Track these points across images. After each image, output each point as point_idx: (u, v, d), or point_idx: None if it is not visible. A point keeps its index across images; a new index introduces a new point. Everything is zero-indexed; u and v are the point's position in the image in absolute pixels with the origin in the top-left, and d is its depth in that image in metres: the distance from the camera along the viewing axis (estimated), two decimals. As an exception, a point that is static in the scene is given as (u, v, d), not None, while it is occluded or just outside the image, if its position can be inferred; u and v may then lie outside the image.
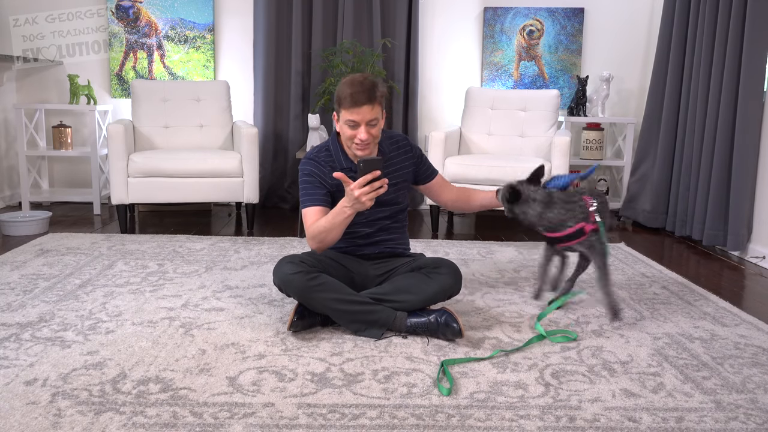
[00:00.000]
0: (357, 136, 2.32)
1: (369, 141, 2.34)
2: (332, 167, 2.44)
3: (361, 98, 2.28)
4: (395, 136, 2.60)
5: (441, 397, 1.87)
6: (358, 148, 2.35)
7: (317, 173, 2.44)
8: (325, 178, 2.44)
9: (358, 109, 2.28)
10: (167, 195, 4.03)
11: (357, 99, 2.27)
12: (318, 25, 4.82)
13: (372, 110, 2.30)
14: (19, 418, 1.71)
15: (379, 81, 2.35)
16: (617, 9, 4.99)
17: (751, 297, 3.00)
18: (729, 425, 1.76)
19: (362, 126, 2.31)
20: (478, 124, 4.60)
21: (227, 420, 1.72)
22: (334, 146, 2.48)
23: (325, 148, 2.49)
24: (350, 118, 2.30)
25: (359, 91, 2.28)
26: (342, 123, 2.35)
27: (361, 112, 2.29)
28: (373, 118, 2.32)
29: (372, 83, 2.31)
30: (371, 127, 2.33)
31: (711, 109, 3.90)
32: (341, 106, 2.32)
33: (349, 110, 2.30)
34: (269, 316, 2.53)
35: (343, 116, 2.33)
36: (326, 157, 2.47)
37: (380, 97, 2.34)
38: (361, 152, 2.36)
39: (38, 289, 2.80)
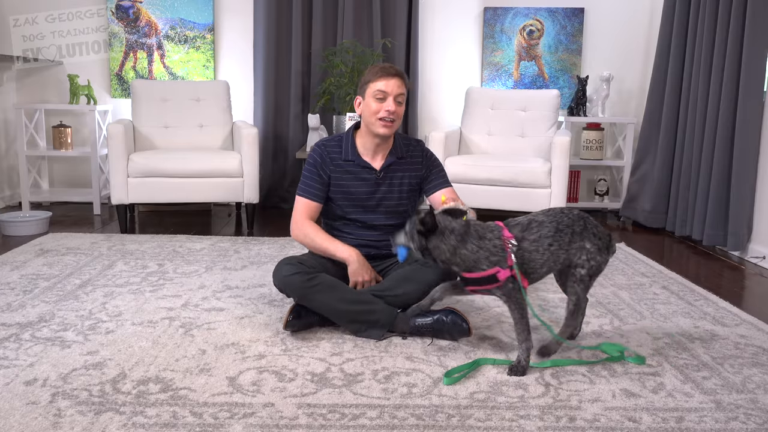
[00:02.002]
0: (384, 107, 2.33)
1: (395, 117, 2.35)
2: (336, 156, 2.44)
3: (391, 71, 2.36)
4: (411, 140, 2.58)
5: (441, 397, 1.87)
6: (383, 124, 2.35)
7: (319, 162, 2.45)
8: (325, 168, 2.44)
9: (389, 79, 2.33)
10: (167, 195, 4.03)
11: (388, 70, 2.35)
12: (318, 25, 4.82)
13: (401, 85, 2.35)
14: (19, 418, 1.71)
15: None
16: (617, 9, 4.99)
17: (751, 297, 3.00)
18: (729, 425, 1.75)
19: (391, 98, 2.33)
20: (478, 124, 4.60)
21: (227, 420, 1.72)
22: (347, 138, 2.47)
23: (338, 138, 2.50)
24: (380, 89, 2.33)
25: (391, 66, 2.38)
26: (369, 99, 2.36)
27: (391, 83, 2.33)
28: (401, 93, 2.35)
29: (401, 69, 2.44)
30: (398, 105, 2.35)
31: (711, 109, 3.90)
32: (370, 81, 2.36)
33: (378, 80, 2.34)
34: (269, 316, 2.53)
35: (370, 89, 2.35)
36: (335, 147, 2.47)
37: (408, 84, 2.40)
38: (385, 130, 2.35)
39: (38, 289, 2.80)
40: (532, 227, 2.07)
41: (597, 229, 2.13)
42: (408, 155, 2.51)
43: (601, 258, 2.11)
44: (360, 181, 2.45)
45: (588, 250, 2.09)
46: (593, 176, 5.17)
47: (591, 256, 2.09)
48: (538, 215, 2.11)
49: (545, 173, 3.97)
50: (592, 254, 2.10)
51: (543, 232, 2.06)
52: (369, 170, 2.45)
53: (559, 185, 3.96)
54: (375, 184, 2.45)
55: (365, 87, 2.38)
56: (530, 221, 2.09)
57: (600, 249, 2.11)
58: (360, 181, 2.45)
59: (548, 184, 3.98)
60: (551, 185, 3.98)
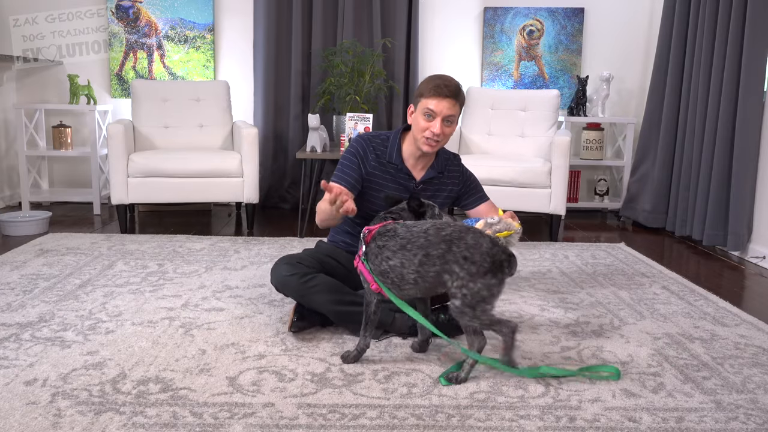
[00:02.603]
0: (430, 128, 2.28)
1: (440, 139, 2.31)
2: (380, 154, 2.40)
3: (445, 91, 2.26)
4: (450, 154, 2.54)
5: (441, 397, 1.87)
6: (427, 143, 2.31)
7: (361, 154, 2.40)
8: (366, 162, 2.40)
9: (440, 99, 2.26)
10: (167, 195, 4.03)
11: (441, 91, 2.26)
12: (318, 25, 4.82)
13: (452, 107, 2.28)
14: (19, 418, 1.71)
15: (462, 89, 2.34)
16: (617, 9, 4.99)
17: (751, 297, 3.00)
18: (729, 425, 1.75)
19: (438, 119, 2.27)
20: (478, 124, 4.60)
21: (227, 420, 1.72)
22: (393, 140, 2.43)
23: (384, 137, 2.46)
24: (429, 107, 2.27)
25: (446, 85, 2.28)
26: (418, 113, 2.31)
27: (442, 104, 2.26)
28: (451, 114, 2.29)
29: (458, 85, 2.32)
30: (447, 125, 2.30)
31: (711, 109, 3.90)
32: (423, 95, 2.29)
33: (430, 99, 2.27)
34: (269, 316, 2.53)
35: (421, 105, 2.29)
36: (380, 144, 2.43)
37: (462, 101, 2.32)
38: (428, 148, 2.32)
39: (38, 289, 2.80)
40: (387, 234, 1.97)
41: (469, 250, 1.86)
42: (446, 170, 2.49)
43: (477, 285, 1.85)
44: (397, 185, 2.41)
45: (457, 276, 1.87)
46: (593, 176, 5.17)
47: (461, 282, 1.86)
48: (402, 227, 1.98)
49: (545, 173, 3.97)
50: (463, 281, 1.86)
51: (389, 243, 1.95)
52: (409, 178, 2.42)
53: (559, 185, 3.96)
54: (411, 193, 2.41)
55: (418, 100, 2.31)
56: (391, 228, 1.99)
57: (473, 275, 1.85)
58: (397, 185, 2.41)
59: (548, 184, 3.98)
60: (551, 185, 3.97)
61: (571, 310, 2.68)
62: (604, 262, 3.45)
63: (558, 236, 4.08)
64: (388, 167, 2.41)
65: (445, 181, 2.49)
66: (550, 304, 2.75)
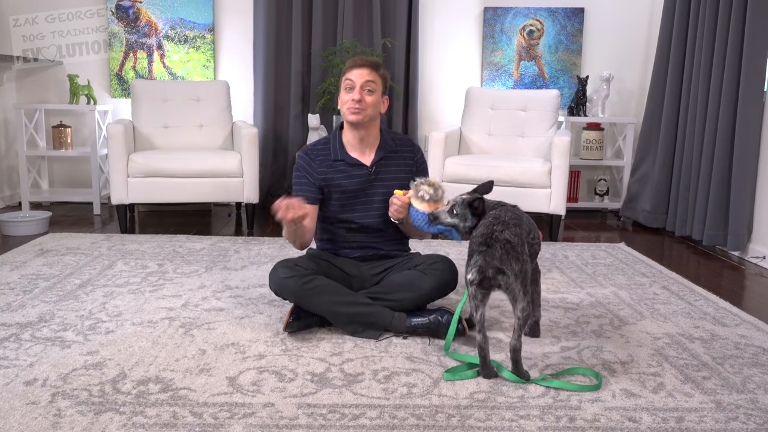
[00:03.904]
0: (351, 96, 2.34)
1: (362, 106, 2.34)
2: (325, 158, 2.45)
3: (360, 61, 2.37)
4: (398, 135, 2.58)
5: (441, 397, 1.87)
6: (350, 112, 2.36)
7: (306, 168, 2.46)
8: (313, 173, 2.45)
9: (356, 69, 2.35)
10: (167, 195, 4.03)
11: (357, 62, 2.37)
12: (318, 25, 4.82)
13: (370, 74, 2.35)
14: (19, 418, 1.71)
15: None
16: (617, 9, 4.99)
17: (751, 297, 3.00)
18: (729, 425, 1.75)
19: (357, 87, 2.34)
20: (478, 124, 4.60)
21: (227, 420, 1.72)
22: (334, 138, 2.48)
23: (324, 141, 2.51)
24: (348, 77, 2.36)
25: (363, 58, 2.40)
26: (341, 90, 2.40)
27: (357, 72, 2.35)
28: (370, 80, 2.35)
29: (377, 60, 2.43)
30: (368, 94, 2.35)
31: (711, 109, 3.90)
32: (343, 74, 2.39)
33: (348, 72, 2.37)
34: (269, 316, 2.53)
35: (342, 82, 2.38)
36: (322, 150, 2.47)
37: (382, 71, 2.39)
38: (353, 117, 2.35)
39: (38, 289, 2.80)
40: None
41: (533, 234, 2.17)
42: (399, 150, 2.51)
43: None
44: (352, 178, 2.44)
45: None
46: (593, 176, 5.17)
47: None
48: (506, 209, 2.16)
49: (545, 173, 3.97)
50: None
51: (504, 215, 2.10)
52: (360, 167, 2.44)
53: (559, 185, 3.96)
54: (367, 180, 2.44)
55: (340, 80, 2.43)
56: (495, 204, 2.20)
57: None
58: (353, 179, 2.44)
59: (548, 184, 3.98)
60: (551, 185, 3.98)
61: (571, 310, 2.68)
62: (604, 262, 3.45)
63: (558, 236, 4.08)
64: (337, 165, 2.44)
65: (399, 161, 2.49)
66: (550, 304, 2.74)
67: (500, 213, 2.09)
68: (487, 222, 2.03)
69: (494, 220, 2.02)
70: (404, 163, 2.51)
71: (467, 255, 2.01)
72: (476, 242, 1.97)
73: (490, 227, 1.98)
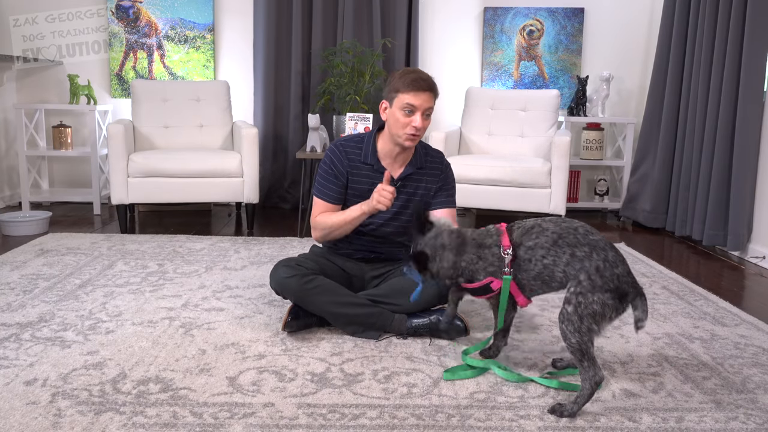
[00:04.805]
0: (412, 123, 2.25)
1: (421, 132, 2.28)
2: (356, 157, 2.38)
3: (423, 84, 2.24)
4: (430, 150, 2.50)
5: (441, 397, 1.87)
6: (407, 138, 2.28)
7: (336, 163, 2.39)
8: (341, 167, 2.38)
9: (418, 93, 2.23)
10: (167, 195, 4.03)
11: (420, 84, 2.24)
12: (318, 25, 4.82)
13: (430, 99, 2.26)
14: (19, 418, 1.71)
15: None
16: (617, 9, 4.99)
17: (751, 297, 3.00)
18: (729, 425, 1.75)
19: (419, 113, 2.24)
20: (478, 124, 4.60)
21: (227, 420, 1.72)
22: (368, 141, 2.41)
23: (358, 139, 2.43)
24: (409, 102, 2.23)
25: (423, 78, 2.26)
26: (396, 109, 2.27)
27: (421, 97, 2.24)
28: (430, 107, 2.27)
29: (432, 78, 2.31)
30: (426, 119, 2.27)
31: (711, 109, 3.90)
32: (400, 91, 2.25)
33: (408, 93, 2.23)
34: (269, 316, 2.53)
35: (399, 100, 2.25)
36: (354, 147, 2.41)
37: (437, 94, 2.30)
38: (410, 143, 2.29)
39: (38, 289, 2.80)
40: (533, 232, 1.89)
41: (605, 263, 1.80)
42: (427, 165, 2.44)
43: (593, 298, 1.77)
44: (373, 185, 2.35)
45: (580, 282, 1.80)
46: (593, 176, 5.17)
47: (581, 290, 1.79)
48: (546, 221, 1.92)
49: (545, 173, 3.97)
50: (583, 289, 1.78)
51: (540, 240, 1.87)
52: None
53: (559, 185, 3.96)
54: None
55: (393, 95, 2.27)
56: (534, 225, 1.91)
57: (596, 287, 1.78)
58: (373, 185, 2.35)
59: (548, 184, 3.98)
60: (551, 185, 3.98)
61: (571, 310, 2.68)
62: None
63: (558, 236, 4.07)
64: (365, 169, 2.38)
65: (424, 177, 2.43)
66: (550, 304, 2.74)
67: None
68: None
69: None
70: (429, 180, 2.44)
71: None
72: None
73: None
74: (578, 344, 1.77)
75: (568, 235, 1.85)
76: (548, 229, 1.88)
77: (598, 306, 1.77)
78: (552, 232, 1.87)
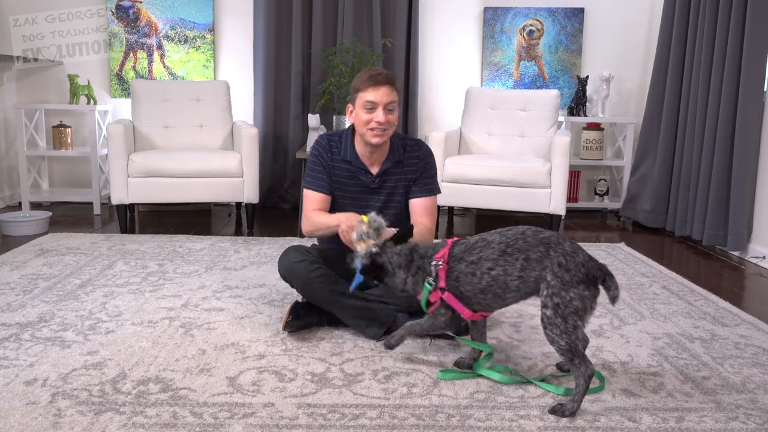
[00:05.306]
0: (374, 119, 2.27)
1: (386, 126, 2.29)
2: (335, 153, 2.42)
3: (380, 78, 2.27)
4: (410, 141, 2.49)
5: (441, 397, 1.87)
6: (374, 134, 2.29)
7: (322, 153, 2.42)
8: (327, 158, 2.42)
9: (377, 88, 2.26)
10: (167, 195, 4.03)
11: (377, 79, 2.26)
12: (318, 25, 4.82)
13: (391, 93, 2.27)
14: (19, 418, 1.71)
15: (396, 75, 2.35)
16: (617, 9, 4.99)
17: (751, 297, 3.00)
18: (729, 425, 1.75)
19: (380, 108, 2.26)
20: (478, 124, 4.60)
21: (227, 420, 1.72)
22: (346, 138, 2.44)
23: (339, 135, 2.47)
24: (368, 99, 2.26)
25: (379, 74, 2.28)
26: (359, 108, 2.30)
27: (380, 92, 2.26)
28: (391, 101, 2.28)
29: (391, 72, 2.34)
30: (389, 113, 2.29)
31: (711, 109, 3.90)
32: (359, 90, 2.29)
33: (367, 91, 2.27)
34: (269, 316, 2.53)
35: (360, 99, 2.29)
36: (337, 142, 2.44)
37: (398, 87, 2.31)
38: (377, 139, 2.30)
39: (38, 289, 2.80)
40: (477, 247, 1.88)
41: (565, 257, 1.78)
42: (406, 158, 2.44)
43: (570, 295, 1.75)
44: (356, 181, 2.42)
45: (549, 283, 1.78)
46: (593, 176, 5.18)
47: (553, 290, 1.77)
48: (491, 234, 1.90)
49: (545, 173, 3.97)
50: (555, 289, 1.76)
51: (485, 253, 1.85)
52: (365, 173, 2.42)
53: (559, 185, 3.96)
54: (371, 191, 2.42)
55: (355, 96, 2.32)
56: (479, 240, 1.90)
57: (566, 283, 1.76)
58: (356, 182, 2.42)
59: (548, 184, 3.98)
60: (551, 185, 3.98)
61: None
62: (604, 262, 3.44)
63: (558, 236, 4.08)
64: (344, 165, 2.42)
65: (403, 170, 2.43)
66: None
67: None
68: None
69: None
70: (408, 171, 2.44)
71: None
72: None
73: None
74: (568, 345, 1.76)
75: (517, 241, 1.84)
76: (494, 241, 1.87)
77: (577, 301, 1.76)
78: (498, 243, 1.86)
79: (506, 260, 1.83)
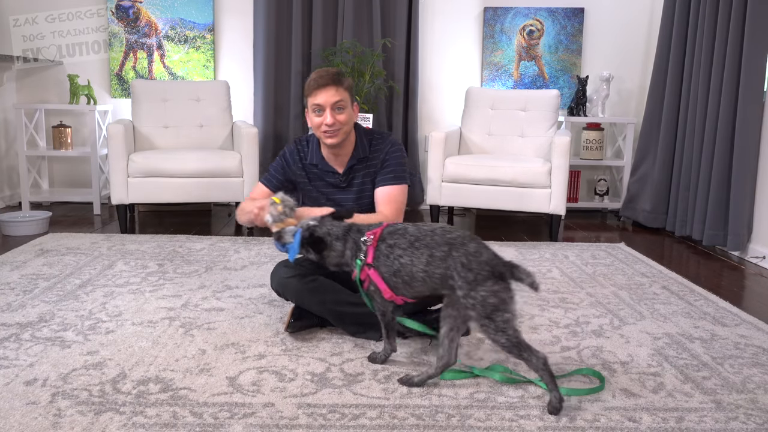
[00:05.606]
0: (323, 121, 2.28)
1: (337, 127, 2.29)
2: (302, 157, 2.47)
3: (324, 80, 2.27)
4: (376, 135, 2.49)
5: (441, 397, 1.87)
6: (327, 136, 2.31)
7: (288, 158, 2.48)
8: (291, 166, 2.47)
9: (321, 91, 2.27)
10: (167, 195, 4.03)
11: (320, 82, 2.27)
12: (318, 25, 4.82)
13: (337, 92, 2.27)
14: (19, 418, 1.71)
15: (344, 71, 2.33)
16: (617, 9, 4.99)
17: (751, 297, 3.00)
18: (729, 425, 1.75)
19: (328, 110, 2.27)
20: (478, 124, 4.60)
21: (227, 420, 1.72)
22: (312, 142, 2.48)
23: (307, 139, 2.51)
24: (316, 102, 2.28)
25: (323, 75, 2.29)
26: (310, 112, 2.33)
27: (326, 93, 2.26)
28: (339, 100, 2.27)
29: (337, 70, 2.32)
30: (338, 112, 2.29)
31: (711, 109, 3.90)
32: (308, 95, 2.32)
33: (312, 95, 2.29)
34: (269, 316, 2.53)
35: (309, 104, 2.32)
36: (304, 147, 2.49)
37: (347, 85, 2.31)
38: (332, 140, 2.32)
39: (38, 289, 2.80)
40: (397, 233, 1.93)
41: (467, 257, 1.79)
42: (371, 154, 2.44)
43: (481, 293, 1.76)
44: (326, 181, 2.46)
45: (456, 284, 1.80)
46: (593, 176, 5.18)
47: (463, 292, 1.79)
48: (413, 226, 1.94)
49: (545, 173, 3.97)
50: (464, 290, 1.78)
51: (399, 241, 1.91)
52: (332, 174, 2.45)
53: (559, 185, 3.96)
54: (342, 189, 2.45)
55: (306, 101, 2.35)
56: (401, 228, 1.95)
57: (472, 282, 1.77)
58: (326, 182, 2.46)
59: (548, 184, 3.98)
60: (551, 185, 3.97)
61: (571, 310, 2.68)
62: (604, 262, 3.45)
63: (558, 236, 4.08)
64: (311, 168, 2.45)
65: (369, 164, 2.44)
66: (550, 304, 2.75)
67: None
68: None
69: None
70: (373, 165, 2.45)
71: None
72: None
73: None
74: (509, 341, 1.77)
75: (425, 237, 1.88)
76: (409, 232, 1.92)
77: (492, 298, 1.76)
78: (411, 235, 1.91)
79: (413, 252, 1.88)
